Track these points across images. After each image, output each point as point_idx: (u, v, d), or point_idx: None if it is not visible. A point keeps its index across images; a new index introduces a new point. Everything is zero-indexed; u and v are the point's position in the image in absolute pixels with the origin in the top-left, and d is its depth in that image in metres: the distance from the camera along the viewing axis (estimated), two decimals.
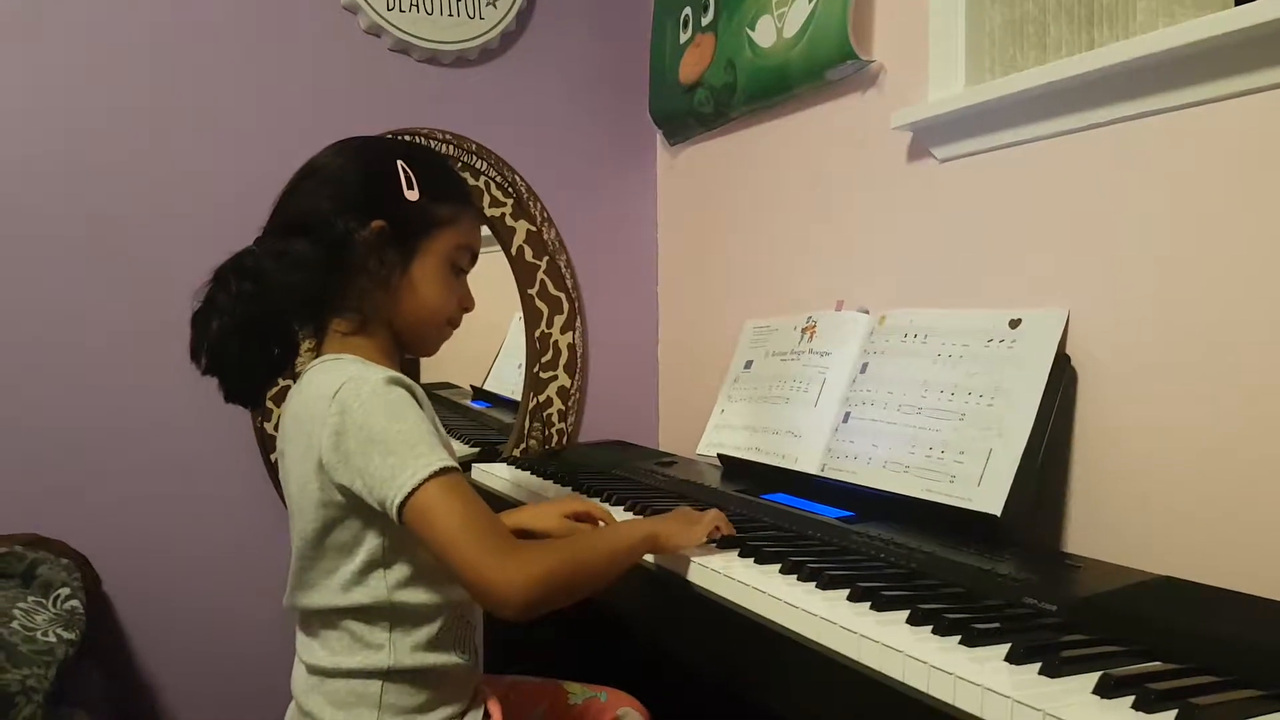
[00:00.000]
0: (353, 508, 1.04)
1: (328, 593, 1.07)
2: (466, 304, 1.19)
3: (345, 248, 1.08)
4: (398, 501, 0.97)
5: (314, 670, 1.10)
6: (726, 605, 1.05)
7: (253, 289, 1.07)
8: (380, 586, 1.06)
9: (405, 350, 1.19)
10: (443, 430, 1.13)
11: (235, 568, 1.96)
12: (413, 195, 1.12)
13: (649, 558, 1.18)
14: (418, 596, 1.08)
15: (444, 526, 0.97)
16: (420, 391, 1.09)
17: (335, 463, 1.01)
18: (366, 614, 1.07)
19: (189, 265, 1.12)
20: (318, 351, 1.14)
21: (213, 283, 1.09)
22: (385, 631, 1.07)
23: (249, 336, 1.08)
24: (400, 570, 1.07)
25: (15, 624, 1.46)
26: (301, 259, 1.07)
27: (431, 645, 1.09)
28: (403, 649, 1.07)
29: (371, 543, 1.06)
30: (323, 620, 1.09)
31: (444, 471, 0.98)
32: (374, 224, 1.09)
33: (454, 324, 1.20)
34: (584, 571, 1.04)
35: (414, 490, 0.97)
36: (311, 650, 1.10)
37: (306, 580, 1.09)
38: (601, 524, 1.32)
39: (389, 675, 1.07)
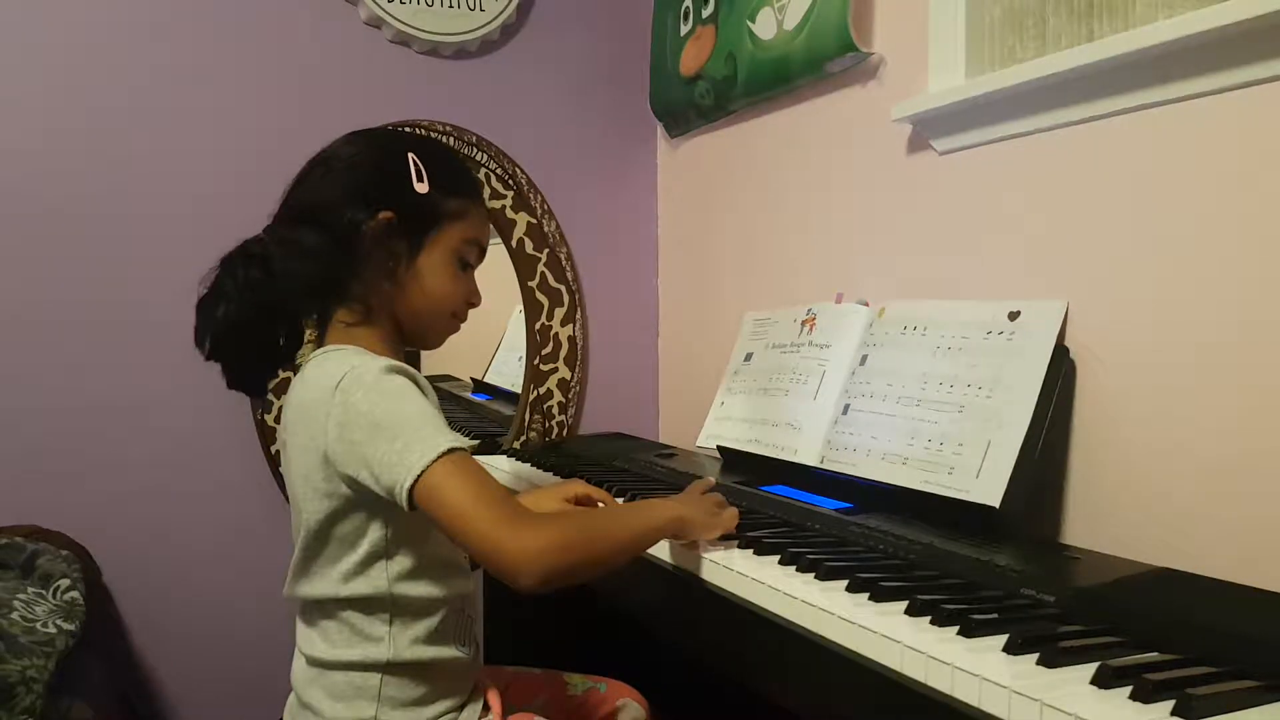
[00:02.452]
0: (358, 499, 1.04)
1: (328, 582, 1.07)
2: (473, 299, 1.19)
3: (353, 237, 1.08)
4: (408, 484, 0.96)
5: (313, 662, 1.10)
6: (726, 596, 1.06)
7: (260, 277, 1.07)
8: (381, 578, 1.06)
9: (409, 343, 1.19)
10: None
11: (235, 559, 1.96)
12: (422, 188, 1.11)
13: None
14: (418, 590, 1.08)
15: (456, 500, 0.96)
16: (423, 380, 1.08)
17: (341, 453, 1.01)
18: (366, 605, 1.07)
19: (189, 257, 1.12)
20: (319, 342, 1.14)
21: (220, 270, 1.09)
22: (385, 624, 1.07)
23: (255, 324, 1.08)
24: (402, 562, 1.07)
25: (15, 615, 1.47)
26: (309, 248, 1.08)
27: (431, 638, 1.09)
28: (402, 642, 1.07)
29: (375, 534, 1.06)
30: (322, 611, 1.09)
31: (453, 451, 0.98)
32: (382, 215, 1.09)
33: (459, 318, 1.19)
34: (602, 544, 1.03)
35: (424, 471, 0.96)
36: (311, 642, 1.10)
37: (308, 570, 1.09)
38: (601, 506, 1.32)
39: (388, 668, 1.07)
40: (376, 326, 1.13)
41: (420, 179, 1.11)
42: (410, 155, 1.12)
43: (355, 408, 1.00)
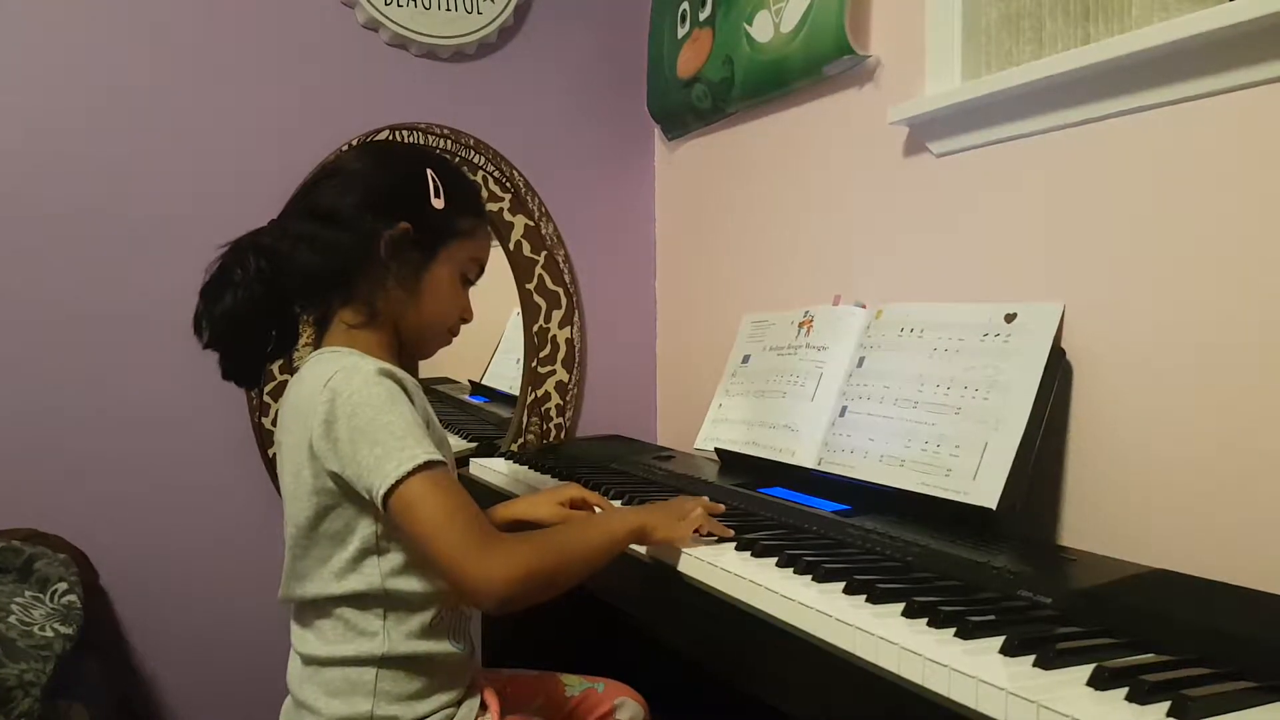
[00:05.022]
0: (344, 494, 1.05)
1: (321, 581, 1.08)
2: (466, 315, 1.22)
3: (370, 241, 1.11)
4: (382, 492, 0.99)
5: (309, 660, 1.10)
6: (723, 598, 1.06)
7: (269, 267, 1.10)
8: (374, 573, 1.07)
9: (404, 352, 1.21)
10: (438, 425, 1.14)
11: (232, 563, 1.96)
12: (439, 203, 1.15)
13: (644, 551, 1.19)
14: (411, 584, 1.09)
15: (426, 520, 0.99)
16: (412, 385, 1.10)
17: (325, 449, 1.03)
18: (360, 601, 1.08)
19: (186, 259, 1.12)
20: (319, 343, 1.16)
21: (228, 256, 1.11)
22: (379, 619, 1.08)
23: (259, 313, 1.10)
24: (394, 557, 1.08)
25: (13, 619, 1.46)
26: (324, 243, 1.11)
27: (425, 633, 1.10)
28: (397, 636, 1.08)
29: (365, 529, 1.07)
30: (317, 610, 1.10)
31: (429, 465, 1.00)
32: (401, 224, 1.12)
33: (453, 333, 1.23)
34: (565, 564, 1.05)
35: (399, 482, 0.99)
36: (306, 641, 1.11)
37: (300, 569, 1.10)
38: (597, 510, 1.33)
39: (383, 663, 1.08)
40: (378, 331, 1.15)
41: (437, 195, 1.15)
42: (429, 172, 1.16)
43: (340, 406, 1.02)
